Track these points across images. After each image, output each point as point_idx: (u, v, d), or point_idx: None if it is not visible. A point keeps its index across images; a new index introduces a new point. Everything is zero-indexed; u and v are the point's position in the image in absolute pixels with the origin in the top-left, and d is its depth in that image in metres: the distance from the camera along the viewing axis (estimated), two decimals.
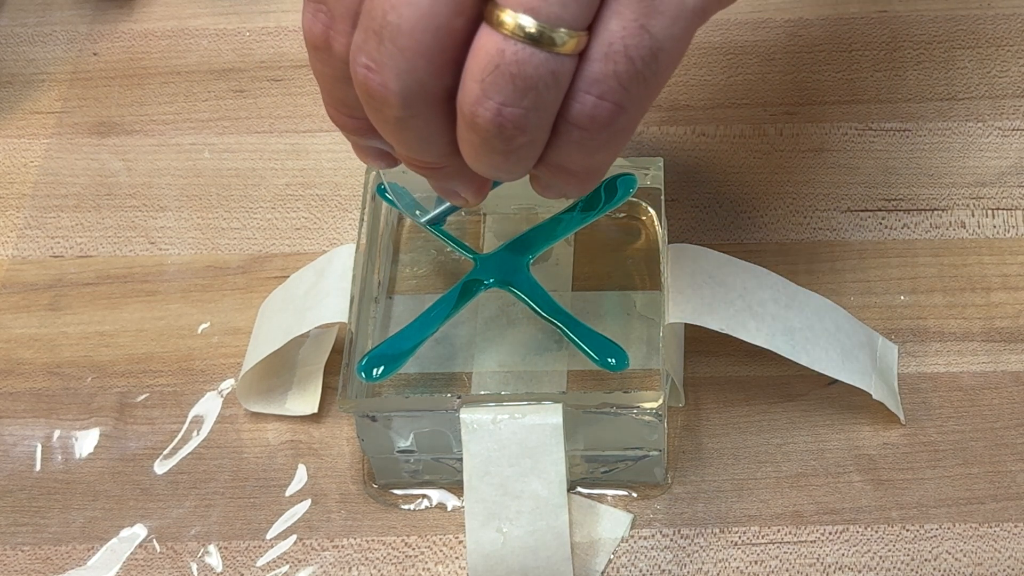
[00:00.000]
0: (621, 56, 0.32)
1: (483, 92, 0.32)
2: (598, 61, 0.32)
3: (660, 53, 0.32)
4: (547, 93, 0.32)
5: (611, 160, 0.35)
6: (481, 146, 0.33)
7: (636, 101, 0.33)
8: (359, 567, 0.44)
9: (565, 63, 0.32)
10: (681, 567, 0.44)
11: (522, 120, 0.32)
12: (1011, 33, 0.57)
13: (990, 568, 0.43)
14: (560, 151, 0.34)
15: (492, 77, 0.32)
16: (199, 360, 0.49)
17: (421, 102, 0.33)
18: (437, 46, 0.32)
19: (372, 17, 0.32)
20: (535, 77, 0.31)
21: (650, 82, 0.32)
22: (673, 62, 0.33)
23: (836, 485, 0.45)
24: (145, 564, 0.45)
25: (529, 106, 0.32)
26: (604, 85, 0.32)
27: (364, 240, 0.46)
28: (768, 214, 0.52)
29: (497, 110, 0.32)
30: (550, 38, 0.31)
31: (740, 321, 0.43)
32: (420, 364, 0.46)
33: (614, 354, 0.43)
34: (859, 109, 0.55)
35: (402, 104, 0.33)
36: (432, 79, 0.32)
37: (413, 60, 0.32)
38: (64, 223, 0.53)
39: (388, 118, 0.33)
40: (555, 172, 0.35)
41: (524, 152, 0.33)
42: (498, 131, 0.32)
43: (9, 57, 0.59)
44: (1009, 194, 0.52)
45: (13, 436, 0.48)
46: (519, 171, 0.35)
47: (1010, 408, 0.46)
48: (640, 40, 0.32)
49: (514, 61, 0.31)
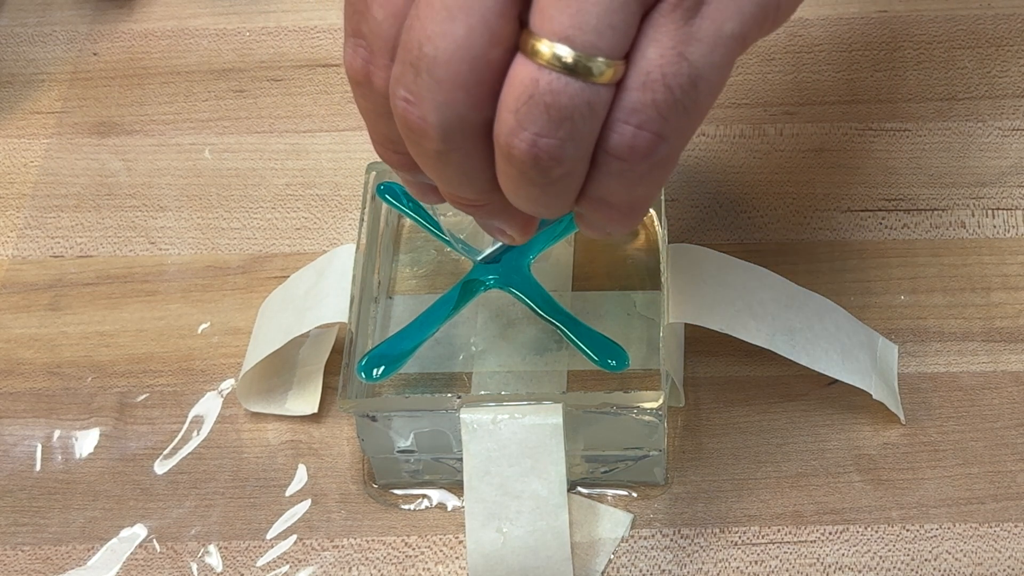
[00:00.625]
0: (659, 85, 0.31)
1: (518, 123, 0.31)
2: (636, 90, 0.31)
3: (700, 81, 0.31)
4: (583, 123, 0.31)
5: (654, 194, 0.34)
6: (519, 179, 0.33)
7: (677, 131, 0.32)
8: (359, 567, 0.44)
9: (601, 93, 0.31)
10: (681, 567, 0.44)
11: (558, 151, 0.31)
12: (1011, 33, 0.57)
13: (990, 568, 0.43)
14: (600, 184, 0.33)
15: (526, 107, 0.31)
16: (199, 360, 0.49)
17: (460, 135, 0.32)
18: (474, 78, 0.31)
19: (408, 49, 0.32)
20: (570, 107, 0.31)
21: (691, 111, 0.32)
22: (714, 90, 0.32)
23: (836, 485, 0.45)
24: (145, 564, 0.45)
25: (565, 136, 0.31)
26: (643, 115, 0.31)
27: (364, 240, 0.46)
28: (768, 214, 0.52)
29: (532, 141, 0.31)
30: (587, 68, 0.30)
31: (740, 321, 0.43)
32: (420, 364, 0.46)
33: (614, 354, 0.43)
34: (859, 109, 0.55)
35: (441, 137, 0.32)
36: (470, 111, 0.32)
37: (451, 92, 0.31)
38: (64, 223, 0.53)
39: (428, 152, 0.33)
40: (597, 207, 0.34)
41: (562, 185, 0.33)
42: (534, 162, 0.32)
43: (9, 57, 0.59)
44: (1009, 194, 0.52)
45: (13, 436, 0.48)
46: (559, 205, 0.34)
47: (1010, 408, 0.46)
48: (679, 68, 0.31)
49: (548, 91, 0.31)
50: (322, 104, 0.56)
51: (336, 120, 0.56)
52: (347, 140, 0.55)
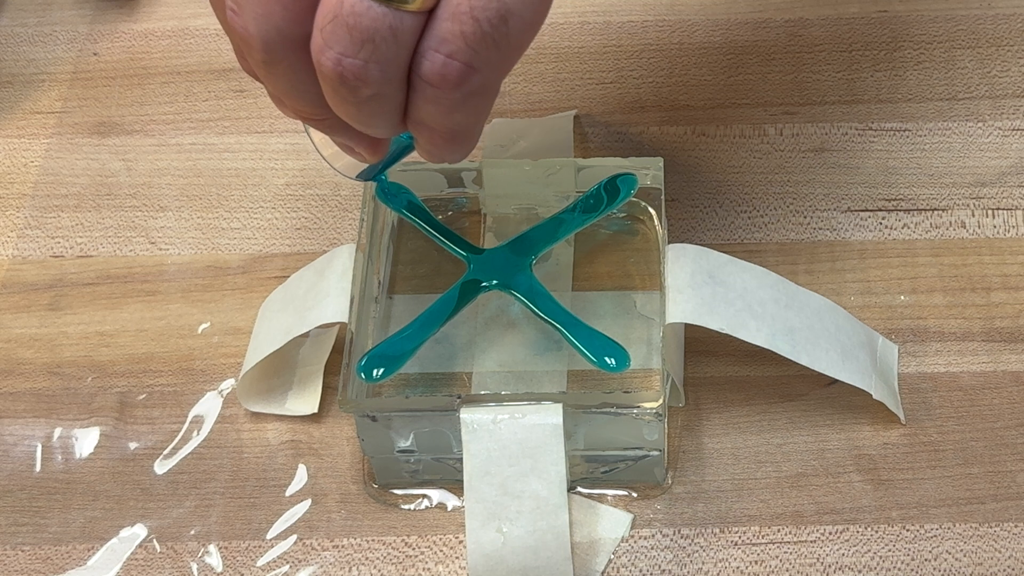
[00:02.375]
0: (468, 17, 0.32)
1: (324, 41, 0.32)
2: (446, 20, 0.32)
3: (510, 16, 0.32)
4: (386, 47, 0.32)
5: (475, 122, 0.35)
6: (333, 96, 0.34)
7: (488, 63, 0.33)
8: (359, 567, 0.44)
9: (405, 19, 0.32)
10: (681, 567, 0.44)
11: (362, 71, 0.32)
12: (1011, 33, 0.57)
13: (990, 568, 0.43)
14: (419, 108, 0.34)
15: (331, 27, 0.32)
16: (199, 360, 0.49)
17: (281, 47, 0.33)
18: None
19: None
20: (371, 29, 0.32)
21: (501, 45, 0.33)
22: (527, 27, 0.33)
23: (836, 485, 0.45)
24: (145, 564, 0.45)
25: (367, 58, 0.32)
26: (452, 45, 0.32)
27: (364, 240, 0.46)
28: (768, 214, 0.52)
29: (337, 60, 0.32)
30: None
31: (740, 321, 0.43)
32: (420, 364, 0.46)
33: (614, 355, 0.43)
34: (859, 109, 0.55)
35: (263, 48, 0.33)
36: (288, 25, 0.33)
37: (267, 5, 0.33)
38: (64, 223, 0.53)
39: (257, 62, 0.34)
40: (421, 131, 0.35)
41: (377, 105, 0.34)
42: (340, 80, 0.33)
43: (9, 57, 0.59)
44: (1009, 194, 0.52)
45: (13, 436, 0.48)
46: (382, 124, 0.35)
47: (1010, 408, 0.46)
48: (487, 3, 0.32)
49: (351, 13, 0.32)
50: None
51: None
52: None
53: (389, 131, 0.36)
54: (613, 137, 0.54)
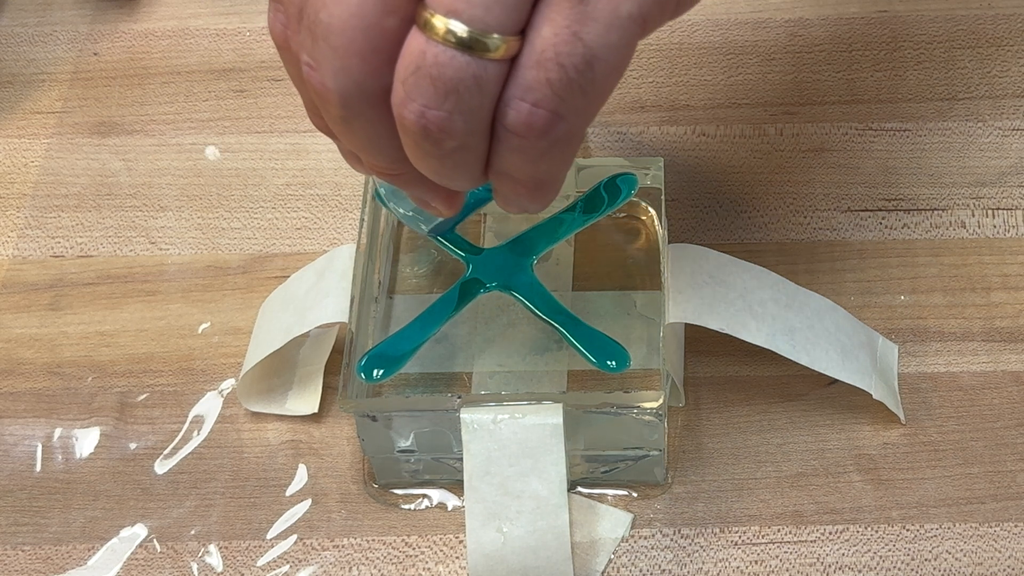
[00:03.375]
0: (553, 64, 0.31)
1: (406, 94, 0.31)
2: (530, 68, 0.31)
3: (596, 62, 0.31)
4: (470, 97, 0.31)
5: (560, 170, 0.34)
6: (415, 149, 0.33)
7: (575, 110, 0.32)
8: (359, 567, 0.44)
9: (489, 68, 0.31)
10: (681, 567, 0.44)
11: (446, 123, 0.31)
12: (1011, 33, 0.57)
13: (990, 568, 0.43)
14: (503, 158, 0.33)
15: (414, 78, 0.31)
16: (199, 360, 0.49)
17: (360, 102, 0.32)
18: (369, 46, 0.31)
19: (308, 15, 0.32)
20: (455, 80, 0.31)
21: (588, 91, 0.32)
22: (613, 71, 0.32)
23: (836, 485, 0.45)
24: (145, 564, 0.45)
25: (452, 109, 0.31)
26: (538, 93, 0.31)
27: (364, 240, 0.46)
28: (768, 214, 0.52)
29: (420, 112, 0.31)
30: (481, 43, 0.30)
31: (740, 321, 0.43)
32: (420, 364, 0.46)
33: (614, 355, 0.43)
34: (859, 109, 0.55)
35: (341, 103, 0.32)
36: (368, 79, 0.32)
37: (346, 59, 0.32)
38: (64, 223, 0.53)
39: (334, 118, 0.33)
40: (504, 181, 0.34)
41: (460, 157, 0.33)
42: (424, 133, 0.32)
43: (9, 57, 0.59)
44: (1009, 194, 0.52)
45: (13, 436, 0.48)
46: (464, 177, 0.34)
47: (1010, 408, 0.46)
48: (572, 48, 0.31)
49: (434, 64, 0.31)
50: None
51: None
52: None
53: (471, 183, 0.34)
54: (613, 137, 0.54)
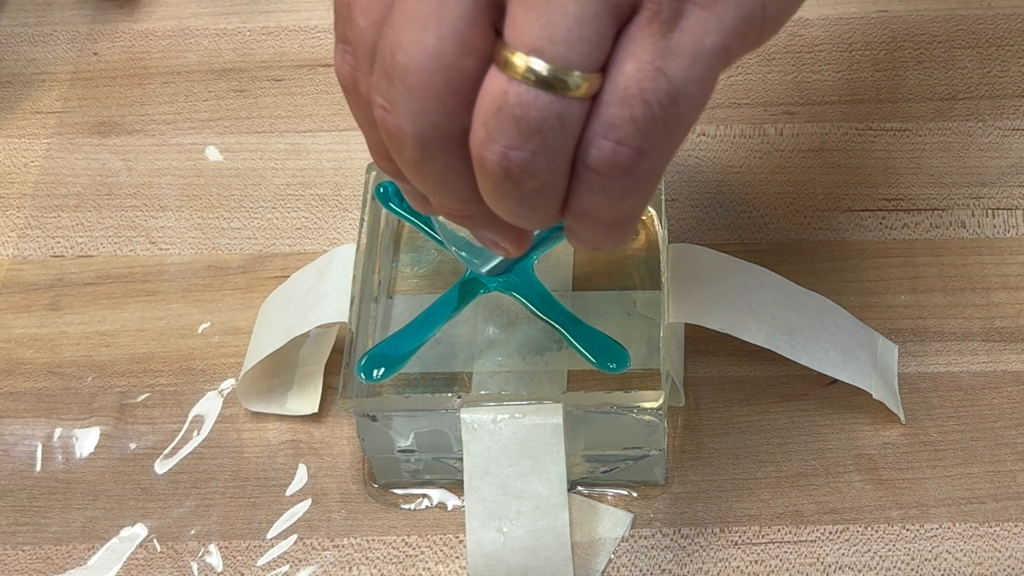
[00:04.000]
0: (638, 100, 0.30)
1: (488, 135, 0.31)
2: (614, 105, 0.30)
3: (680, 97, 0.30)
4: (554, 137, 0.30)
5: (640, 207, 0.33)
6: (495, 190, 0.32)
7: (658, 146, 0.31)
8: (359, 567, 0.44)
9: (573, 107, 0.30)
10: (681, 567, 0.44)
11: (529, 164, 0.31)
12: (1011, 33, 0.57)
13: (990, 568, 0.43)
14: (583, 198, 0.32)
15: (496, 119, 0.30)
16: (199, 360, 0.49)
17: (436, 144, 0.32)
18: (447, 87, 0.31)
19: (383, 57, 0.31)
20: (539, 120, 0.30)
21: (672, 127, 0.31)
22: (696, 105, 0.31)
23: (836, 485, 0.45)
24: (145, 564, 0.45)
25: (535, 150, 0.31)
26: (622, 130, 0.31)
27: (364, 240, 0.46)
28: (768, 214, 0.52)
29: (503, 153, 0.31)
30: (563, 82, 0.30)
31: (740, 321, 0.43)
32: (420, 364, 0.46)
33: (614, 356, 0.43)
34: (859, 109, 0.55)
35: (418, 145, 0.32)
36: (446, 120, 0.31)
37: (424, 101, 0.31)
38: (64, 223, 0.53)
39: (408, 160, 0.32)
40: (582, 221, 0.33)
41: (540, 198, 0.32)
42: (505, 175, 0.31)
43: (9, 57, 0.59)
44: (1009, 194, 0.52)
45: (13, 436, 0.48)
46: (541, 218, 0.33)
47: (1010, 408, 0.46)
48: (657, 84, 0.30)
49: (518, 104, 0.30)
50: (322, 104, 0.56)
51: (336, 120, 0.56)
52: (347, 140, 0.55)
53: (547, 223, 0.33)
54: None
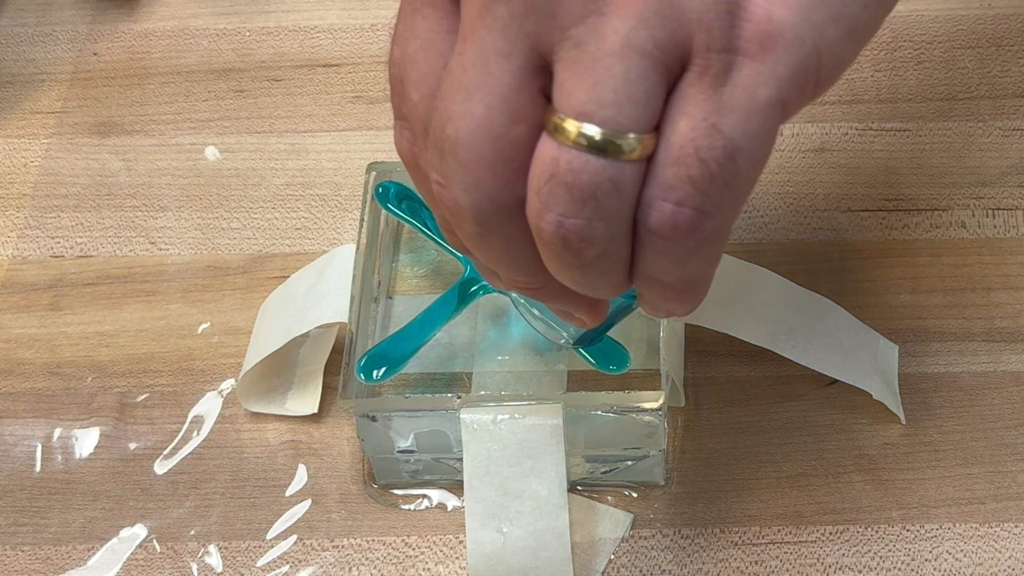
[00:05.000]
0: (693, 159, 0.29)
1: (542, 204, 0.30)
2: (670, 166, 0.29)
3: (738, 153, 0.29)
4: (609, 202, 0.30)
5: (709, 269, 0.32)
6: (555, 260, 0.31)
7: (720, 205, 0.30)
8: (359, 567, 0.44)
9: (627, 170, 0.29)
10: (681, 567, 0.44)
11: (586, 232, 0.30)
12: (1012, 33, 0.57)
13: (990, 568, 0.43)
14: (648, 262, 0.31)
15: (548, 187, 0.29)
16: (199, 360, 0.49)
17: (494, 216, 0.31)
18: (499, 157, 0.30)
19: (434, 131, 0.30)
20: (592, 186, 0.29)
21: (732, 184, 0.30)
22: (756, 160, 0.30)
23: (836, 485, 0.45)
24: (145, 564, 0.45)
25: (591, 216, 0.30)
26: (680, 191, 0.29)
27: (364, 240, 0.46)
28: (768, 214, 0.52)
29: (558, 222, 0.30)
30: (616, 145, 0.29)
31: (740, 321, 0.43)
32: (420, 364, 0.46)
33: (615, 357, 0.43)
34: (859, 109, 0.55)
35: (475, 219, 0.31)
36: (501, 192, 0.30)
37: (476, 173, 0.30)
38: (64, 223, 0.53)
39: (469, 234, 0.32)
40: (650, 286, 0.32)
41: (603, 264, 0.31)
42: (564, 244, 0.30)
43: (9, 57, 0.59)
44: (1009, 194, 0.52)
45: (13, 436, 0.48)
46: (608, 285, 0.32)
47: (1010, 408, 0.46)
48: (713, 141, 0.29)
49: (569, 170, 0.29)
50: (322, 104, 0.56)
51: (336, 120, 0.56)
52: (347, 140, 0.55)
53: (615, 291, 0.32)
54: None
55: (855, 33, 0.31)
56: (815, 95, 0.32)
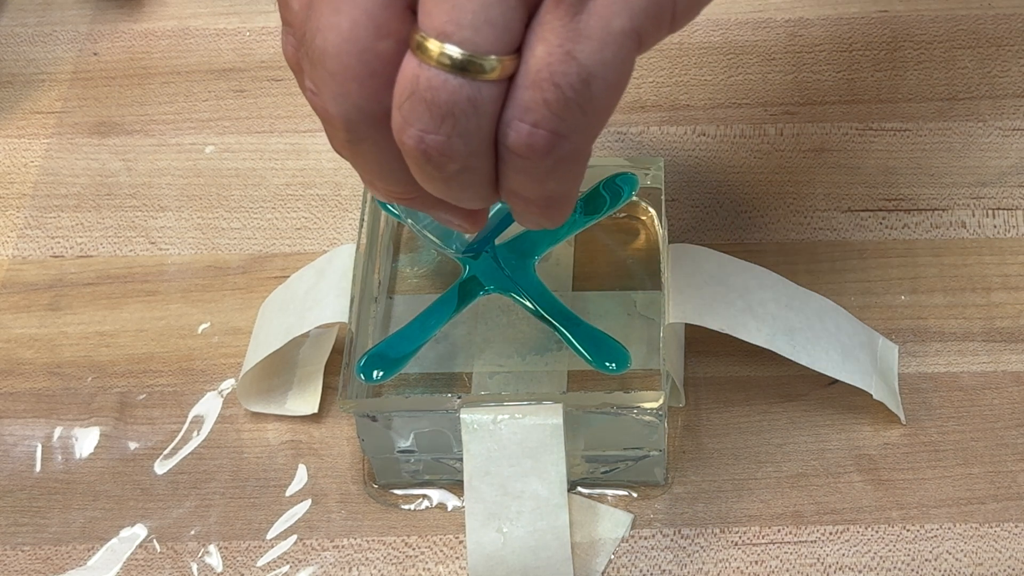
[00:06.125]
0: (548, 84, 0.30)
1: (403, 119, 0.31)
2: (527, 88, 0.31)
3: (592, 80, 0.31)
4: (467, 120, 0.31)
5: (570, 188, 0.34)
6: (420, 172, 0.32)
7: (575, 128, 0.31)
8: (359, 567, 0.44)
9: (483, 89, 0.31)
10: (681, 567, 0.44)
11: (446, 147, 0.31)
12: (1012, 33, 0.57)
13: (990, 568, 0.43)
14: (510, 179, 0.33)
15: (409, 104, 0.31)
16: (199, 360, 0.49)
17: (364, 126, 0.32)
18: (366, 70, 0.31)
19: (306, 41, 0.32)
20: (450, 103, 0.30)
21: (587, 109, 0.31)
22: (611, 87, 0.31)
23: (836, 485, 0.45)
24: (145, 564, 0.45)
25: (450, 132, 0.31)
26: (536, 113, 0.31)
27: (364, 240, 0.46)
28: (768, 214, 0.52)
29: (419, 137, 0.31)
30: (476, 65, 0.30)
31: (740, 321, 0.43)
32: (420, 364, 0.46)
33: (614, 357, 0.43)
34: (859, 109, 0.55)
35: (345, 127, 0.32)
36: (368, 103, 0.32)
37: (344, 84, 0.31)
38: (64, 223, 0.53)
39: (341, 142, 0.33)
40: (515, 201, 0.34)
41: (467, 178, 0.32)
42: (425, 158, 0.31)
43: (9, 57, 0.59)
44: (1009, 194, 0.52)
45: (13, 436, 0.48)
46: (474, 197, 0.33)
47: (1010, 408, 0.46)
48: (567, 67, 0.30)
49: (428, 87, 0.30)
50: None
51: None
52: None
53: (483, 202, 0.34)
54: (613, 137, 0.54)
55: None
56: (672, 28, 0.33)
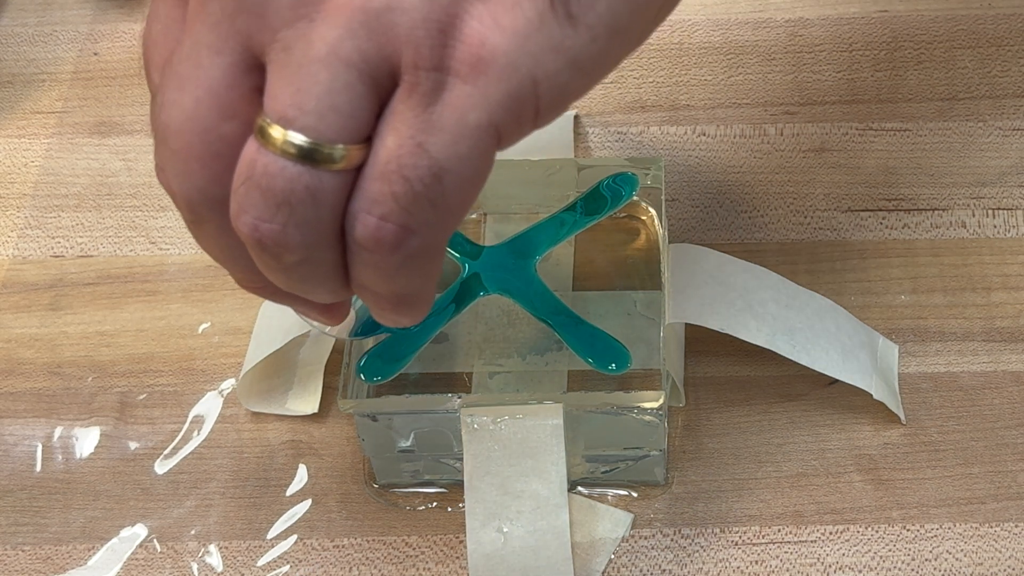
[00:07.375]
0: (397, 176, 0.29)
1: (238, 205, 0.30)
2: (375, 180, 0.29)
3: (444, 175, 0.29)
4: (304, 209, 0.29)
5: (422, 285, 0.32)
6: (259, 262, 0.31)
7: (426, 223, 0.30)
8: (359, 567, 0.44)
9: (324, 179, 0.29)
10: (681, 567, 0.44)
11: (281, 237, 0.30)
12: (1012, 33, 0.57)
13: (990, 568, 0.43)
14: (358, 272, 0.31)
15: (244, 189, 0.29)
16: (200, 360, 0.49)
17: (204, 208, 0.31)
18: (207, 151, 0.30)
19: (153, 116, 0.31)
20: (286, 192, 0.29)
21: (438, 204, 0.29)
22: (465, 182, 0.30)
23: (836, 485, 0.45)
24: (145, 564, 0.45)
25: (285, 222, 0.29)
26: (384, 207, 0.29)
27: None
28: (768, 214, 0.52)
29: (253, 225, 0.30)
30: (322, 154, 0.29)
31: (740, 321, 0.43)
32: (420, 364, 0.46)
33: (614, 357, 0.43)
34: (859, 109, 0.55)
35: (188, 208, 0.31)
36: (210, 185, 0.30)
37: (186, 163, 0.30)
38: (64, 223, 0.53)
39: (185, 221, 0.32)
40: (365, 295, 0.32)
41: (307, 270, 0.31)
42: (260, 247, 0.30)
43: (9, 57, 0.59)
44: (1010, 194, 0.52)
45: (13, 436, 0.48)
46: (320, 290, 0.32)
47: (1010, 408, 0.46)
48: (418, 160, 0.29)
49: (264, 174, 0.29)
50: None
51: None
52: None
53: (332, 296, 0.32)
54: (613, 137, 0.54)
55: (580, 66, 0.30)
56: (537, 123, 0.31)
